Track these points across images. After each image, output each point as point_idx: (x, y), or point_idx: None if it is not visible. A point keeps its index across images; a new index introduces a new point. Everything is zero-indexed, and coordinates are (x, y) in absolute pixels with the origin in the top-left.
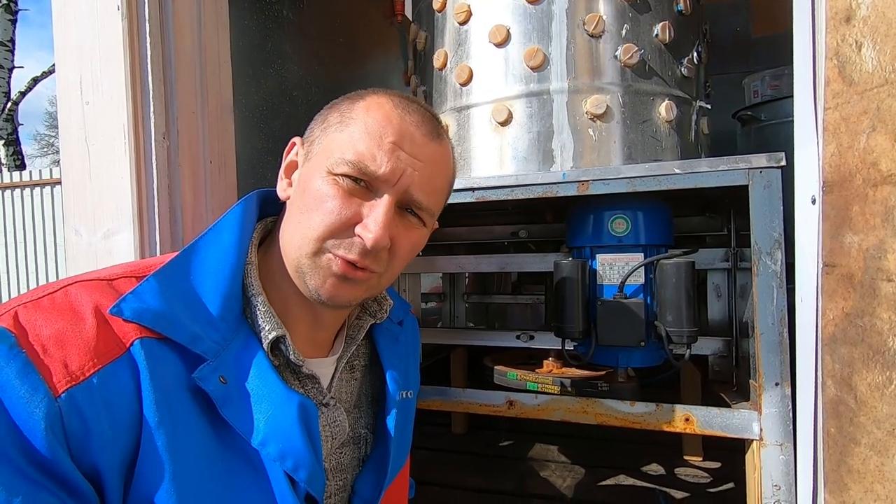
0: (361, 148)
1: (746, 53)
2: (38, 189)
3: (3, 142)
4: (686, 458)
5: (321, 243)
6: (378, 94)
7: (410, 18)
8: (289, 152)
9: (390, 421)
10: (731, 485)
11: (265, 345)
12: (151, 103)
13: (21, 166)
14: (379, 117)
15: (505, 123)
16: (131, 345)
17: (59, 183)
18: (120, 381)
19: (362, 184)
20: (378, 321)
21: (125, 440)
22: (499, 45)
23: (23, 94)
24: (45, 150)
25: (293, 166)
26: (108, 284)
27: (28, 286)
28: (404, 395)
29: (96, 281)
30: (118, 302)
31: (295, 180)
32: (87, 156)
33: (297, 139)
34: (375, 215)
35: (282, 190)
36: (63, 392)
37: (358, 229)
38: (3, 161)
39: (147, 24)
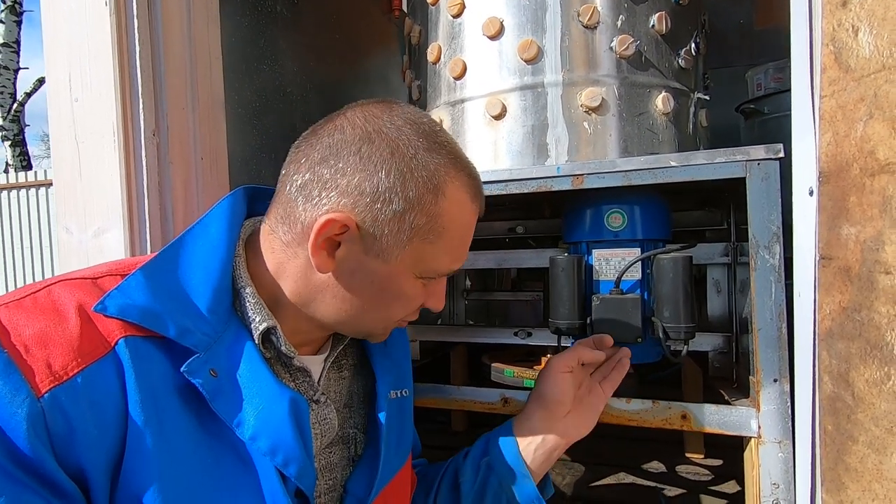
0: (454, 261)
1: (750, 46)
2: (43, 189)
3: (9, 142)
4: (687, 455)
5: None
6: (459, 181)
7: (406, 12)
8: (325, 229)
9: (381, 419)
10: (732, 482)
11: (256, 336)
12: (140, 100)
13: (27, 167)
14: (466, 223)
15: (499, 117)
16: (116, 343)
17: None
18: (105, 380)
19: None
20: None
21: (111, 439)
22: (492, 38)
23: (28, 94)
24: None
25: (335, 244)
26: (92, 283)
27: None
28: (397, 395)
29: (80, 280)
30: (103, 299)
31: (346, 265)
32: (77, 153)
33: (342, 218)
34: (441, 292)
35: (320, 263)
36: (46, 392)
37: (430, 304)
38: (10, 161)
39: (135, 20)
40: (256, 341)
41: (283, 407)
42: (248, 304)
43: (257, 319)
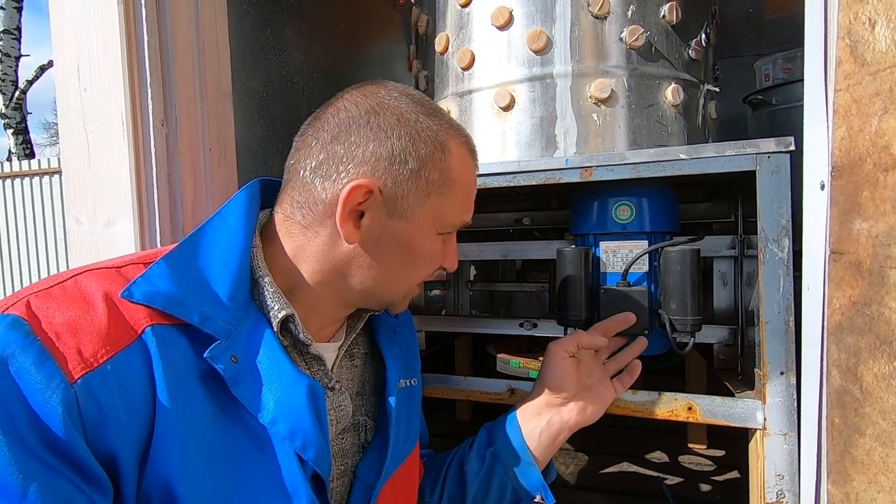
0: (465, 212)
1: (759, 35)
2: (46, 178)
3: (11, 130)
4: (690, 445)
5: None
6: (459, 140)
7: (412, 2)
8: (351, 197)
9: (390, 407)
10: (735, 472)
11: (275, 324)
12: (149, 90)
13: (30, 155)
14: (471, 176)
15: (507, 108)
16: (143, 332)
17: None
18: (133, 367)
19: None
20: (376, 313)
21: (140, 425)
22: (501, 28)
23: (30, 82)
24: (55, 138)
25: (359, 214)
26: (116, 272)
27: (38, 274)
28: (406, 383)
29: (105, 269)
30: (129, 285)
31: (372, 231)
32: (87, 143)
33: (366, 184)
34: (454, 249)
35: (347, 234)
36: (79, 378)
37: (447, 263)
38: (13, 150)
39: (143, 9)
40: (275, 329)
41: (302, 393)
42: (266, 292)
43: (276, 308)
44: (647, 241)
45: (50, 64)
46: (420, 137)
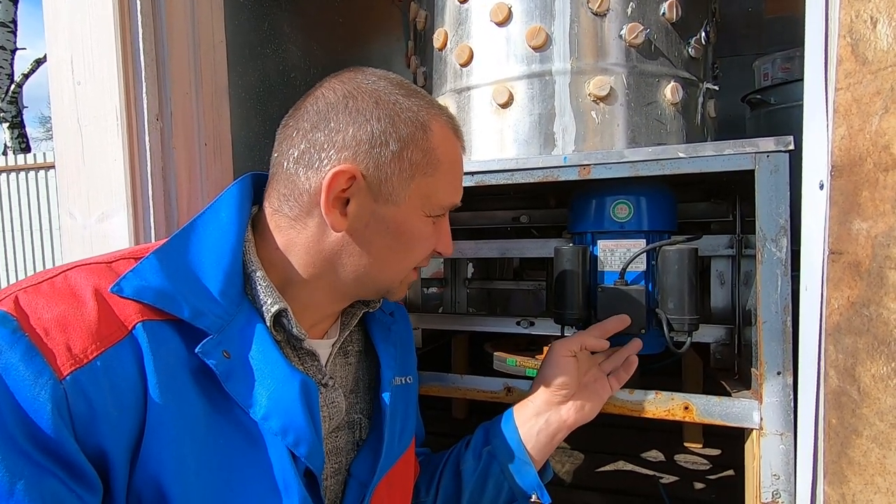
0: (454, 193)
1: (759, 34)
2: (42, 172)
3: (7, 124)
4: (686, 444)
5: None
6: (441, 119)
7: None
8: (334, 183)
9: (385, 405)
10: (730, 472)
11: (268, 318)
12: (144, 84)
13: (26, 149)
14: (456, 156)
15: (506, 105)
16: (133, 328)
17: None
18: (123, 363)
19: None
20: (371, 310)
21: (130, 422)
22: (500, 24)
23: (26, 76)
24: (51, 132)
25: (344, 201)
26: (107, 267)
27: (33, 269)
28: (402, 381)
29: (95, 264)
30: (119, 280)
31: (359, 217)
32: (80, 137)
33: (348, 169)
34: (447, 232)
35: (334, 222)
36: (68, 374)
37: (440, 247)
38: (9, 144)
39: (138, 2)
40: (268, 324)
41: (295, 389)
42: (259, 287)
43: (269, 302)
44: (644, 240)
45: (46, 58)
46: (400, 118)
